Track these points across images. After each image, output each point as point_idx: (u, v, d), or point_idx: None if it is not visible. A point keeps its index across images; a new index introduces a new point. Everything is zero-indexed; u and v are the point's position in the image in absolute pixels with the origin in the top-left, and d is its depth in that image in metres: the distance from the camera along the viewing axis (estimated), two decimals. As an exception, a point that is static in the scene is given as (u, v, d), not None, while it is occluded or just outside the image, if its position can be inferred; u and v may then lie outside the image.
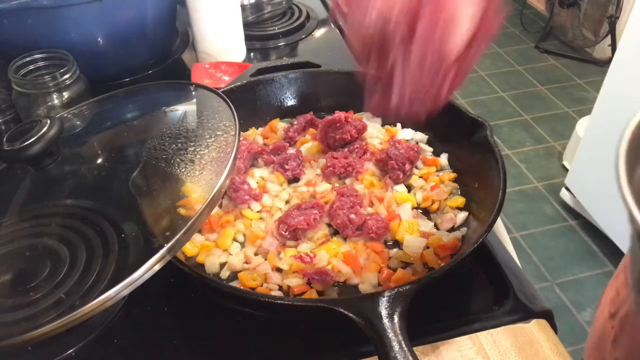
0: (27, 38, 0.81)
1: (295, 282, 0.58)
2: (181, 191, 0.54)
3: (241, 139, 0.72)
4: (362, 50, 0.40)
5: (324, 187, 0.69)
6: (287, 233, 0.63)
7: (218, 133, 0.59)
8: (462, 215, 0.65)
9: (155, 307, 0.58)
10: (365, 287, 0.57)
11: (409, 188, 0.70)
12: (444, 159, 0.74)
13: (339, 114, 0.75)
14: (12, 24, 0.80)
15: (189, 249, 0.62)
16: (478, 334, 0.54)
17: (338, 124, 0.74)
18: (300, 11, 1.18)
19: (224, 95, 0.63)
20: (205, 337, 0.56)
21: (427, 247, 0.61)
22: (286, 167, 0.72)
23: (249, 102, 0.79)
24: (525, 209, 2.08)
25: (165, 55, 1.03)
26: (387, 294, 0.47)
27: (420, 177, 0.71)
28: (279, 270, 0.60)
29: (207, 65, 0.95)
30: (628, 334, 0.51)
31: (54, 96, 0.73)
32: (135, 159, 0.59)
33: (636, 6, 1.57)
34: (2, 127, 0.78)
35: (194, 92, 0.68)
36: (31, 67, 0.74)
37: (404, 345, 0.43)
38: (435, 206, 0.67)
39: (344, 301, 0.47)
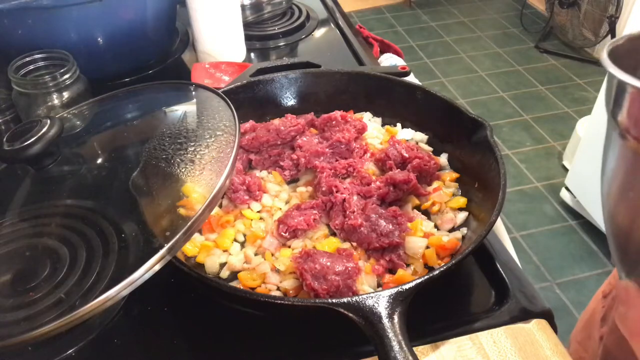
0: (27, 38, 0.81)
1: (290, 284, 0.58)
2: (181, 191, 0.54)
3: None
4: None
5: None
6: (287, 234, 0.63)
7: (218, 133, 0.59)
8: (462, 215, 0.65)
9: (155, 307, 0.58)
10: (365, 288, 0.57)
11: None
12: (444, 158, 0.74)
13: (335, 113, 0.75)
14: (12, 24, 0.80)
15: (189, 249, 0.62)
16: (478, 334, 0.54)
17: (334, 122, 0.75)
18: (300, 11, 1.19)
19: (224, 95, 0.63)
20: (205, 337, 0.56)
21: (428, 247, 0.61)
22: (283, 164, 0.72)
23: (249, 102, 0.79)
24: (525, 209, 2.08)
25: (165, 55, 1.03)
26: (387, 294, 0.46)
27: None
28: (277, 270, 0.60)
29: (207, 65, 0.95)
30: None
31: (54, 96, 0.73)
32: (135, 159, 0.59)
33: (636, 6, 1.57)
34: (2, 127, 0.78)
35: (194, 92, 0.68)
36: (31, 67, 0.74)
37: (404, 345, 0.43)
38: (436, 208, 0.67)
39: (344, 301, 0.47)
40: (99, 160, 0.63)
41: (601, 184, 0.35)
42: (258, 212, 0.67)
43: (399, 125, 0.80)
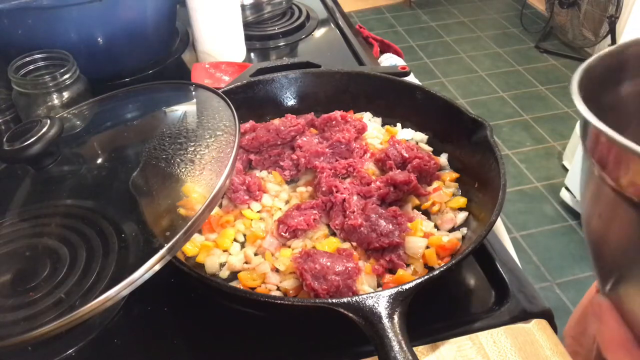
0: (27, 38, 0.81)
1: (290, 284, 0.58)
2: (181, 191, 0.54)
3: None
4: None
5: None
6: (287, 234, 0.63)
7: (218, 133, 0.59)
8: (462, 215, 0.65)
9: (155, 307, 0.58)
10: (365, 288, 0.57)
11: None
12: (444, 158, 0.74)
13: (335, 113, 0.75)
14: (12, 24, 0.80)
15: (189, 249, 0.62)
16: (478, 334, 0.54)
17: (334, 122, 0.75)
18: (300, 11, 1.19)
19: (224, 95, 0.63)
20: (205, 337, 0.56)
21: (428, 247, 0.61)
22: (283, 164, 0.72)
23: (249, 102, 0.79)
24: (525, 209, 2.08)
25: (165, 55, 1.03)
26: (387, 294, 0.46)
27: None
28: (277, 270, 0.60)
29: (207, 65, 0.95)
30: None
31: (54, 96, 0.73)
32: (135, 159, 0.59)
33: (636, 6, 1.57)
34: (2, 127, 0.78)
35: (194, 92, 0.68)
36: (31, 67, 0.74)
37: (404, 345, 0.43)
38: (436, 208, 0.67)
39: (344, 301, 0.47)
40: (99, 160, 0.63)
41: (579, 188, 0.35)
42: (258, 212, 0.67)
43: (399, 125, 0.80)
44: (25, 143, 0.54)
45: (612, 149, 0.28)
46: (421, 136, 0.78)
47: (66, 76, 0.72)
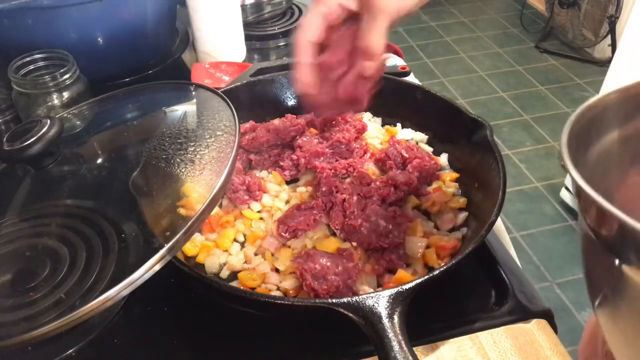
0: (27, 38, 0.81)
1: (290, 284, 0.58)
2: (181, 191, 0.54)
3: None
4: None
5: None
6: (287, 234, 0.63)
7: (218, 133, 0.59)
8: (462, 215, 0.65)
9: (155, 307, 0.58)
10: (365, 288, 0.57)
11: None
12: (444, 158, 0.74)
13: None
14: (12, 24, 0.80)
15: (189, 249, 0.62)
16: (478, 334, 0.54)
17: (334, 122, 0.75)
18: (300, 11, 1.19)
19: (224, 95, 0.63)
20: (205, 337, 0.56)
21: (428, 247, 0.61)
22: (283, 164, 0.72)
23: (249, 102, 0.79)
24: (525, 209, 2.08)
25: (165, 55, 1.03)
26: (387, 294, 0.46)
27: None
28: (277, 270, 0.60)
29: (207, 65, 0.95)
30: None
31: (54, 96, 0.73)
32: (135, 159, 0.59)
33: (636, 6, 1.57)
34: (2, 127, 0.78)
35: (194, 92, 0.68)
36: (31, 67, 0.74)
37: (404, 345, 0.43)
38: (436, 208, 0.67)
39: (344, 301, 0.47)
40: (99, 160, 0.63)
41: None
42: (258, 212, 0.67)
43: (399, 125, 0.79)
44: (25, 143, 0.54)
45: (590, 202, 0.29)
46: (421, 136, 0.78)
47: (66, 76, 0.72)
